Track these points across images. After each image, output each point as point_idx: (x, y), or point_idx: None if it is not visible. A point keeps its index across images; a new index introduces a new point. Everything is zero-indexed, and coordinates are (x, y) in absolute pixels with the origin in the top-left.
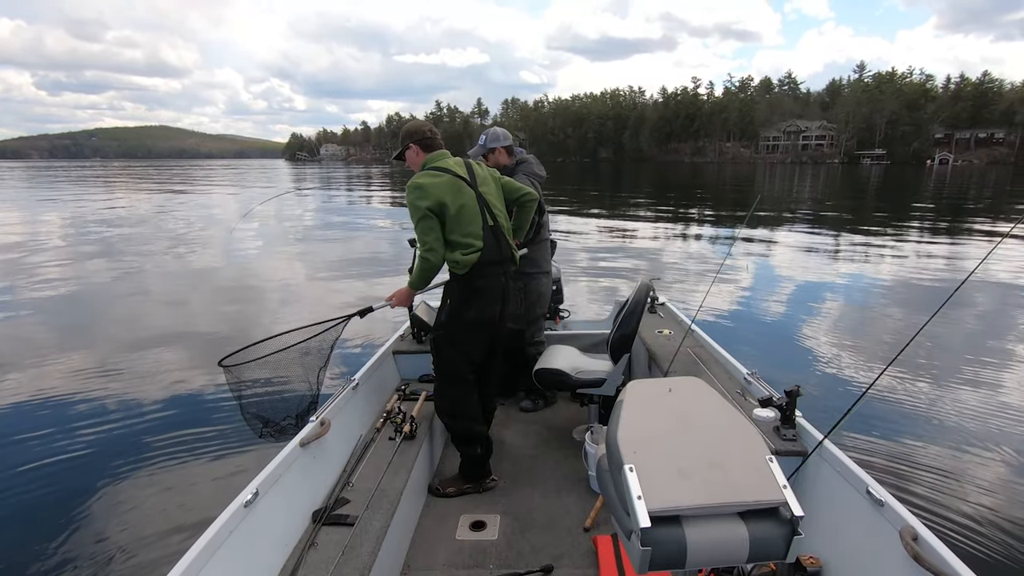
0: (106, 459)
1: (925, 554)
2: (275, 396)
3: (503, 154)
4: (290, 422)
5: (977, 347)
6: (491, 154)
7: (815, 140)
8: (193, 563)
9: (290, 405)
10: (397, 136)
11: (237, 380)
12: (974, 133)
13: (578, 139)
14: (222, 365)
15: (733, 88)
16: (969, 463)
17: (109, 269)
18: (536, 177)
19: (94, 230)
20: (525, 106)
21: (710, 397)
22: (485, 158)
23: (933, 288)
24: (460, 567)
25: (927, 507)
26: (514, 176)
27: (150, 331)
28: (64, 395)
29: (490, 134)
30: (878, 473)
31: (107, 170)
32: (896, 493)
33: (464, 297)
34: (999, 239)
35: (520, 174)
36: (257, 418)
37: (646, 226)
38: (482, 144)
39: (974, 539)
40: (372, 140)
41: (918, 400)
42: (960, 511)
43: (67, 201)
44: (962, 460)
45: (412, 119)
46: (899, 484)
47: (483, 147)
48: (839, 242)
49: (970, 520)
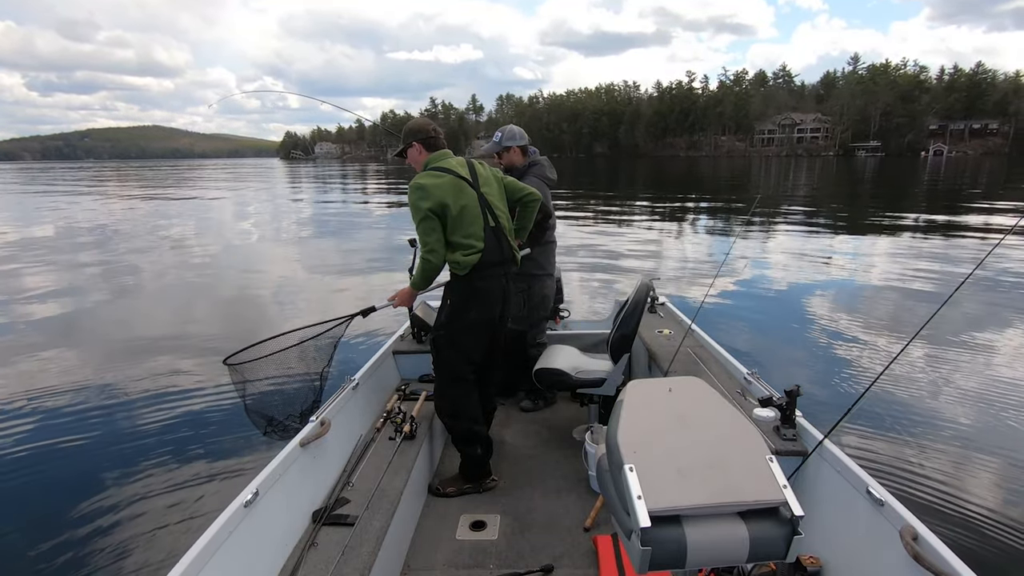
0: (106, 459)
1: (925, 554)
2: (279, 395)
3: (517, 154)
4: (294, 421)
5: (977, 346)
6: (505, 152)
7: (810, 133)
8: (193, 563)
9: (294, 404)
10: (393, 134)
11: (242, 379)
12: (968, 124)
13: (573, 134)
14: (227, 364)
15: (728, 82)
16: (969, 463)
17: (107, 272)
18: (547, 180)
19: (90, 234)
20: (520, 102)
21: (710, 397)
22: (499, 156)
23: (933, 287)
24: (460, 567)
25: (927, 507)
26: (524, 178)
27: (150, 332)
28: (63, 396)
29: (506, 132)
30: (878, 473)
31: (100, 171)
32: (896, 493)
33: (464, 298)
34: (999, 238)
35: (531, 176)
36: (261, 417)
37: (645, 224)
38: (497, 141)
39: (974, 539)
40: (367, 138)
41: (918, 400)
42: (960, 511)
43: (62, 204)
44: (962, 460)
45: (408, 116)
46: (899, 484)
47: (498, 144)
48: (839, 241)
49: (970, 520)
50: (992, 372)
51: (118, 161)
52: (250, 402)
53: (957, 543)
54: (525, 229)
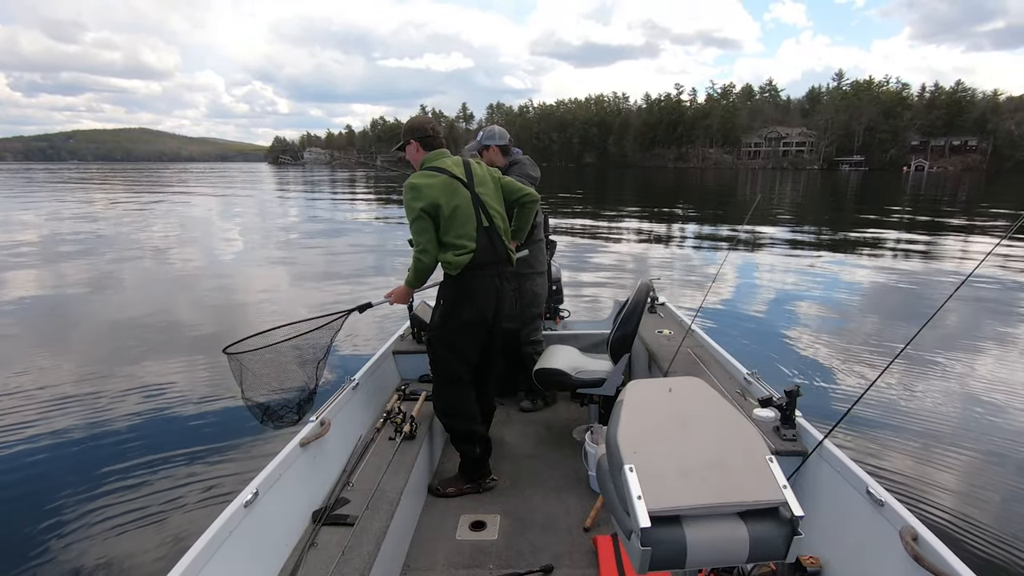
0: (106, 459)
1: (925, 554)
2: (276, 386)
3: (497, 153)
4: (290, 412)
5: (976, 347)
6: (485, 151)
7: (795, 146)
8: (193, 563)
9: (290, 396)
10: (383, 140)
11: (239, 368)
12: (948, 140)
13: (563, 144)
14: (226, 352)
15: (715, 95)
16: (969, 463)
17: (106, 274)
18: (529, 179)
19: (74, 236)
20: (510, 111)
21: (710, 397)
22: (480, 154)
23: (933, 287)
24: (460, 567)
25: (927, 507)
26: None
27: (149, 333)
28: (62, 396)
29: (487, 131)
30: (878, 473)
31: (84, 173)
32: (896, 493)
33: (456, 298)
34: (995, 243)
35: (513, 175)
36: (258, 406)
37: (645, 228)
38: (478, 140)
39: (974, 539)
40: (356, 144)
41: (918, 400)
42: (960, 511)
43: (44, 205)
44: (962, 460)
45: (399, 124)
46: (899, 484)
47: (478, 143)
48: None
49: (970, 520)
50: (992, 373)
51: (102, 163)
52: (247, 392)
53: (957, 543)
54: (522, 230)
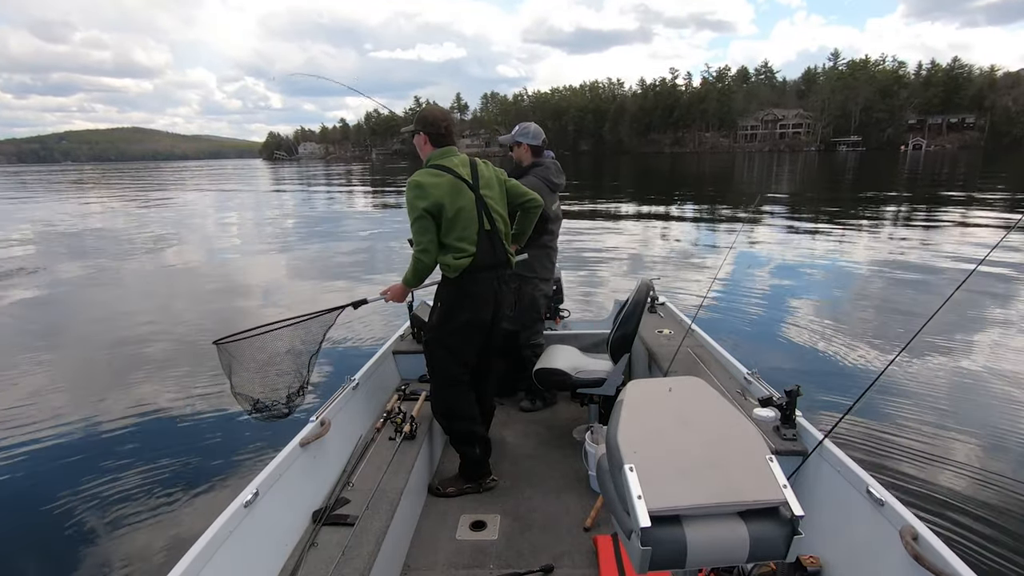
0: (106, 459)
1: (925, 554)
2: (266, 379)
3: (527, 151)
4: (279, 404)
5: (978, 345)
6: (516, 147)
7: (792, 128)
8: (193, 563)
9: (279, 387)
10: (377, 133)
11: (229, 360)
12: (945, 118)
13: (558, 132)
14: (216, 344)
15: (711, 78)
16: (970, 463)
17: (103, 275)
18: (548, 183)
19: (75, 235)
20: (505, 100)
21: (710, 397)
22: (511, 149)
23: (935, 281)
24: (460, 567)
25: (927, 507)
26: (524, 176)
27: (147, 333)
28: (61, 396)
29: (522, 127)
30: (878, 473)
31: (81, 174)
32: (896, 493)
33: (455, 300)
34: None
35: (530, 176)
36: (247, 399)
37: (643, 224)
38: (512, 135)
39: (974, 539)
40: (351, 137)
41: (919, 399)
42: (960, 511)
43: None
44: (963, 460)
45: (393, 116)
46: (899, 484)
47: (511, 138)
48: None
49: (970, 520)
50: (993, 371)
51: (95, 163)
52: (236, 384)
53: (957, 543)
54: (524, 234)
